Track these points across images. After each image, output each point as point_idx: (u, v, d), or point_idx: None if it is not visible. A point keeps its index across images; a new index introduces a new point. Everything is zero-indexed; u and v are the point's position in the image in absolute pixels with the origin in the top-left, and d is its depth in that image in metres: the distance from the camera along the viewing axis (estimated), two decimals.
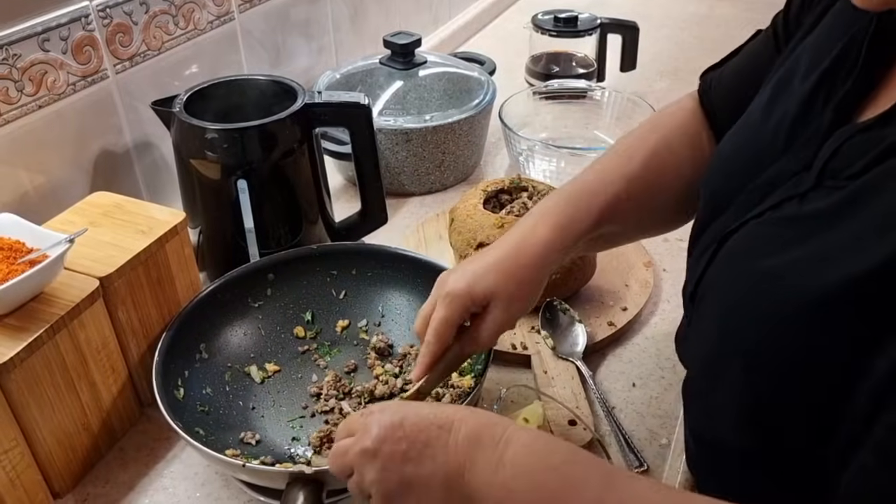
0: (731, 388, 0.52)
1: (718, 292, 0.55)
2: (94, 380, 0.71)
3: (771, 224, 0.52)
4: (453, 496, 0.50)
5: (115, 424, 0.75)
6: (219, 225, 0.89)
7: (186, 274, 0.80)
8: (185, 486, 0.72)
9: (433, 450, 0.51)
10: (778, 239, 0.50)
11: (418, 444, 0.51)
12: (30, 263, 0.66)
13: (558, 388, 0.79)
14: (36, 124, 0.82)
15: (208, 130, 0.82)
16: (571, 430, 0.73)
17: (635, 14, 1.49)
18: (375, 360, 0.82)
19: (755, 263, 0.51)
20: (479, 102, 1.14)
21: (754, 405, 0.50)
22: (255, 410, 0.77)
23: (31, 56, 0.79)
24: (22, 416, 0.64)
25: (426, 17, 1.59)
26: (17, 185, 0.82)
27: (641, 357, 0.85)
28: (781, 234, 0.50)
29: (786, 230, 0.50)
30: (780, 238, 0.50)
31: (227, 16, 1.04)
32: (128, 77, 0.91)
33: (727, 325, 0.53)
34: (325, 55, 1.29)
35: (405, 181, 1.14)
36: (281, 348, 0.83)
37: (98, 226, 0.76)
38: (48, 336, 0.65)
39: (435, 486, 0.50)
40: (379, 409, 0.54)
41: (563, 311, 0.86)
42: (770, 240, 0.51)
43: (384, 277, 0.86)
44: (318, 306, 0.86)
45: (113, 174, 0.92)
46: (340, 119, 0.89)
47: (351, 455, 0.53)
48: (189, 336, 0.77)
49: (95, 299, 0.69)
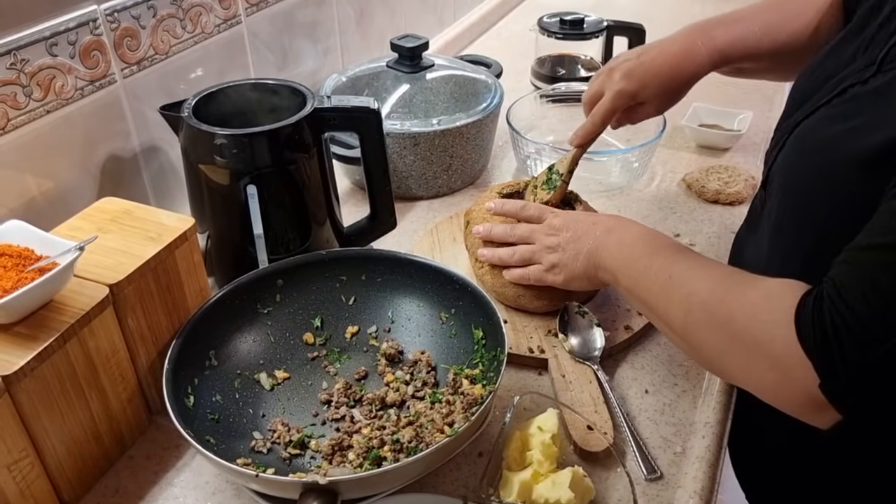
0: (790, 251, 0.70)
1: (784, 165, 0.70)
2: (103, 388, 0.71)
3: (836, 106, 0.64)
4: (590, 264, 0.79)
5: (125, 433, 0.75)
6: (227, 230, 0.89)
7: (195, 280, 0.80)
8: (196, 495, 0.72)
9: (585, 236, 0.80)
10: (841, 115, 0.62)
11: (579, 231, 0.81)
12: (39, 271, 0.66)
13: (576, 393, 0.78)
14: (44, 129, 0.81)
15: (217, 136, 0.82)
16: (589, 435, 0.72)
17: (641, 16, 1.48)
18: (386, 366, 0.82)
19: (819, 135, 0.64)
20: (486, 105, 1.13)
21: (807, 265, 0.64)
22: (265, 418, 0.77)
23: (40, 61, 0.78)
24: (32, 426, 0.64)
25: (431, 19, 1.58)
26: (24, 190, 0.81)
27: (654, 364, 0.84)
28: (844, 111, 0.62)
29: (848, 107, 0.62)
30: (843, 114, 0.62)
31: (234, 19, 1.04)
32: (135, 81, 0.91)
33: (790, 191, 0.69)
34: (330, 58, 1.28)
35: (413, 185, 1.13)
36: (290, 355, 0.83)
37: (107, 232, 0.76)
38: (58, 345, 0.64)
39: (581, 258, 0.80)
40: (556, 214, 0.86)
41: (581, 314, 0.86)
42: (834, 117, 0.63)
43: (394, 283, 0.86)
44: (328, 312, 0.85)
45: (120, 179, 0.92)
46: (350, 124, 0.89)
47: (537, 228, 0.85)
48: (198, 343, 0.77)
49: (105, 307, 0.69)
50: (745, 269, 0.67)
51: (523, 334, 0.86)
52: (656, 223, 1.06)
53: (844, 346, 0.54)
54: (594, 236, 0.79)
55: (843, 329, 0.54)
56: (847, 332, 0.54)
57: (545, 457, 0.67)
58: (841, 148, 0.61)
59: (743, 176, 1.16)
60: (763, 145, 1.27)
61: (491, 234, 0.89)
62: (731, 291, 0.63)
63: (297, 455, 0.73)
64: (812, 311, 0.56)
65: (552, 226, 0.84)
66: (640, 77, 0.88)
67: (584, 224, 0.82)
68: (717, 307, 0.63)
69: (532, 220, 0.87)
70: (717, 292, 0.64)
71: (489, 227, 0.89)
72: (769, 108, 1.38)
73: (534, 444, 0.68)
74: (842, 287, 0.55)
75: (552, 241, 0.83)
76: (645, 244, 0.75)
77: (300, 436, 0.74)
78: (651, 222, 1.05)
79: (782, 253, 0.73)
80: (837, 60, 0.70)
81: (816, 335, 0.55)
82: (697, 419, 0.77)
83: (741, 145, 1.26)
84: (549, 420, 0.70)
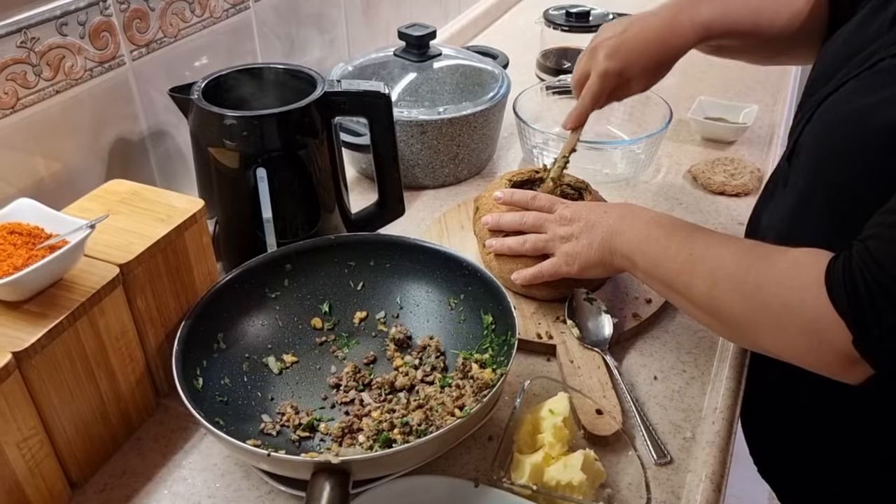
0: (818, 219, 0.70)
1: (813, 137, 0.70)
2: (112, 368, 0.70)
3: (866, 78, 0.64)
4: (605, 250, 0.78)
5: (133, 414, 0.74)
6: (236, 214, 0.88)
7: (204, 263, 0.79)
8: (205, 476, 0.71)
9: (597, 225, 0.80)
10: (872, 86, 0.63)
11: (592, 220, 0.81)
12: (49, 249, 0.65)
13: (584, 378, 0.78)
14: (53, 110, 0.81)
15: (227, 118, 0.81)
16: (598, 419, 0.72)
17: (646, 9, 1.48)
18: (395, 351, 0.81)
19: (851, 106, 0.64)
20: (494, 95, 1.13)
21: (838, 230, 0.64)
22: (273, 401, 0.76)
23: (49, 40, 0.78)
24: (41, 404, 0.63)
25: (437, 11, 1.58)
26: (33, 170, 0.81)
27: (662, 351, 0.84)
28: (876, 81, 0.63)
29: (880, 78, 0.62)
30: (874, 85, 0.63)
31: (242, 4, 1.03)
32: (144, 64, 0.90)
33: (820, 161, 0.69)
34: (337, 47, 1.28)
35: (419, 174, 1.13)
36: (299, 339, 0.82)
37: (116, 213, 0.75)
38: (68, 323, 0.64)
39: (595, 245, 0.79)
40: (567, 205, 0.85)
41: (589, 301, 0.86)
42: (865, 88, 0.64)
43: (402, 269, 0.85)
44: (336, 297, 0.85)
45: (128, 162, 0.91)
46: (360, 108, 0.88)
47: (549, 218, 0.84)
48: (207, 326, 0.76)
49: (115, 286, 0.68)
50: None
51: (531, 321, 0.86)
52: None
53: (877, 303, 0.56)
54: (607, 224, 0.79)
55: (876, 286, 0.56)
56: (879, 289, 0.56)
57: (556, 439, 0.67)
58: (873, 117, 0.62)
59: (748, 168, 1.16)
60: (768, 139, 1.28)
61: (500, 223, 0.88)
62: (758, 261, 0.65)
63: (307, 438, 0.73)
64: (843, 273, 0.58)
65: (563, 216, 0.84)
66: (624, 55, 0.86)
67: (596, 213, 0.81)
68: (745, 277, 0.65)
69: (543, 210, 0.87)
70: (744, 263, 0.65)
71: (498, 216, 0.89)
72: (774, 102, 1.39)
73: (545, 426, 0.68)
74: (874, 249, 0.57)
75: (565, 231, 0.83)
76: (660, 226, 0.75)
77: (310, 419, 0.74)
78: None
79: (811, 222, 0.73)
80: (862, 36, 0.70)
81: (849, 294, 0.57)
82: (707, 405, 0.77)
83: (746, 138, 1.27)
84: (561, 403, 0.70)
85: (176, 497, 0.69)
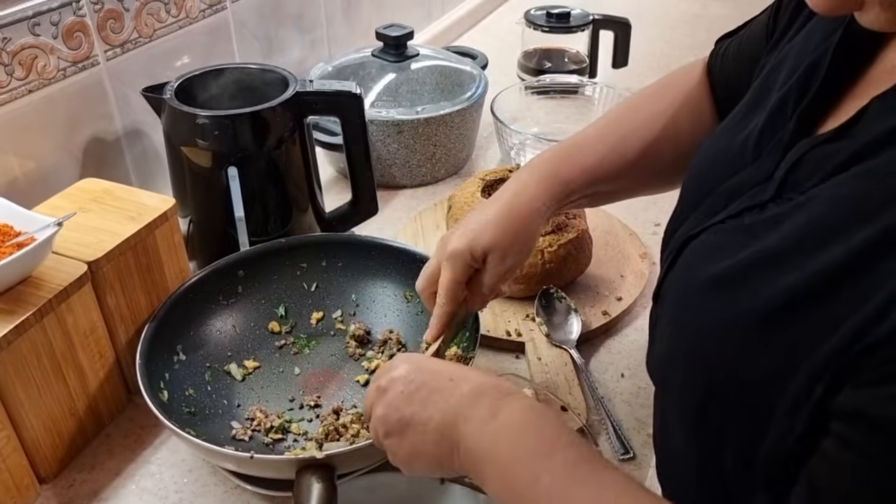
0: (677, 390, 0.53)
1: (673, 293, 0.55)
2: (81, 365, 0.71)
3: (729, 231, 0.51)
4: (444, 442, 0.52)
5: (103, 410, 0.75)
6: (209, 213, 0.89)
7: (176, 261, 0.80)
8: (172, 472, 0.72)
9: (438, 396, 0.53)
10: (733, 245, 0.49)
11: (425, 390, 0.54)
12: (17, 246, 0.66)
13: (552, 375, 0.79)
14: (26, 109, 0.81)
15: (199, 117, 0.82)
16: (563, 416, 0.73)
17: (628, 11, 1.49)
18: (356, 348, 0.82)
19: (708, 268, 0.50)
20: (471, 95, 1.14)
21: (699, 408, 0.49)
22: (240, 408, 0.76)
23: (22, 40, 0.79)
24: (8, 400, 0.64)
25: (419, 12, 1.59)
26: (6, 170, 0.81)
27: (631, 348, 0.85)
28: (737, 240, 0.49)
29: (741, 237, 0.49)
30: (735, 245, 0.49)
31: (219, 4, 1.04)
32: (119, 64, 0.91)
33: (676, 326, 0.53)
34: (317, 48, 1.29)
35: (396, 173, 1.14)
36: (258, 345, 0.82)
37: (87, 211, 0.76)
38: (35, 319, 0.64)
39: (430, 430, 0.53)
40: (403, 359, 0.59)
41: (559, 299, 0.87)
42: (725, 246, 0.50)
43: (355, 266, 0.86)
44: (291, 300, 0.85)
45: (103, 161, 0.92)
46: (332, 108, 0.89)
47: (369, 393, 0.58)
48: (164, 339, 0.76)
49: (84, 283, 0.69)
50: None
51: (501, 318, 0.87)
52: (637, 212, 1.07)
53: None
54: (455, 396, 0.53)
55: None
56: None
57: None
58: (736, 299, 0.47)
59: None
60: None
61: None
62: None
63: (280, 440, 0.73)
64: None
65: (392, 378, 0.56)
66: (472, 229, 0.67)
67: (440, 377, 0.55)
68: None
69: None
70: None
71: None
72: None
73: None
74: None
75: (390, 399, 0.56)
76: (535, 434, 0.50)
77: (281, 421, 0.74)
78: (633, 210, 1.06)
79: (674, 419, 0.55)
80: (729, 152, 0.57)
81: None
82: None
83: None
84: None
85: (143, 492, 0.70)
